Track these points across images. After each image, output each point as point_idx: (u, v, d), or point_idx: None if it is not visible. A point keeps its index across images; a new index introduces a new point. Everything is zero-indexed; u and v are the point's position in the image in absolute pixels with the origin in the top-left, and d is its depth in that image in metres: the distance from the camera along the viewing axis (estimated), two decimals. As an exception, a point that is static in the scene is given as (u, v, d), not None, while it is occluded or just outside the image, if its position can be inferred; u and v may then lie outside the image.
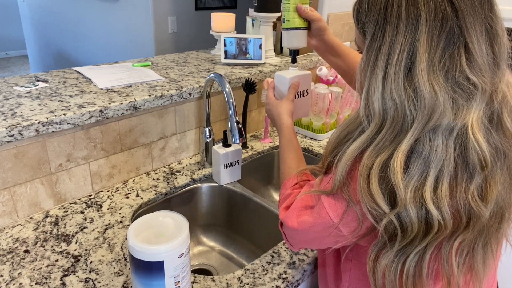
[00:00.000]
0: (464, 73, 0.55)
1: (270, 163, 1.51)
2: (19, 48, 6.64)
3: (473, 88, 0.55)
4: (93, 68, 1.37)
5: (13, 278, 0.83)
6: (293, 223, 0.70)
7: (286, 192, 0.80)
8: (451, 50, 0.55)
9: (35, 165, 1.00)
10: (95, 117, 1.05)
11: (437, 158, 0.55)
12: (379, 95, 0.58)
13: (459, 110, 0.55)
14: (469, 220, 0.58)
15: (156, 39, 3.26)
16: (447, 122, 0.55)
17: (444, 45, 0.55)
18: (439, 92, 0.54)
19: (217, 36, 1.65)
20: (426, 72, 0.55)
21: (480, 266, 0.63)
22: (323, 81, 1.73)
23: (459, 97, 0.55)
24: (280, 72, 1.00)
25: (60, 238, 0.96)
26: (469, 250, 0.61)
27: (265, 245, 1.18)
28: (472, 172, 0.56)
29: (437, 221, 0.56)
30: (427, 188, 0.55)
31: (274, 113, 0.96)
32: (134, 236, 0.70)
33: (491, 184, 0.57)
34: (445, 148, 0.55)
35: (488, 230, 0.61)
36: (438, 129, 0.55)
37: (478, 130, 0.55)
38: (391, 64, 0.57)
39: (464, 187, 0.56)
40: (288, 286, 0.86)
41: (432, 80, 0.55)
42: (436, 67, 0.55)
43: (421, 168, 0.55)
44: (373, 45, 0.59)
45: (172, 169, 1.29)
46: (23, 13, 5.16)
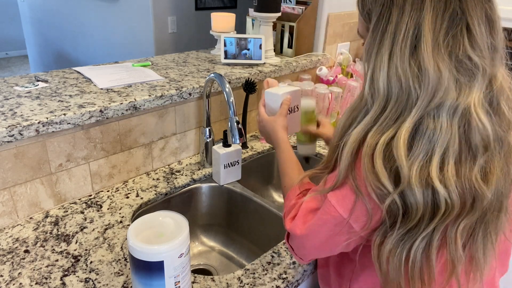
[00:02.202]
0: (467, 53, 0.56)
1: (270, 163, 1.51)
2: (19, 48, 6.63)
3: (474, 68, 0.57)
4: (93, 68, 1.37)
5: (13, 278, 0.83)
6: (301, 230, 0.69)
7: (290, 203, 0.79)
8: (454, 30, 0.57)
9: (35, 165, 1.00)
10: (95, 117, 1.05)
11: (442, 137, 0.56)
12: (385, 73, 0.59)
13: (462, 89, 0.56)
14: (474, 203, 0.58)
15: (156, 39, 3.26)
16: (450, 101, 0.56)
17: (448, 25, 0.57)
18: (443, 69, 0.56)
19: (217, 36, 1.65)
20: (431, 50, 0.56)
21: (480, 255, 0.63)
22: (323, 81, 1.73)
23: (462, 76, 0.57)
24: (271, 90, 1.01)
25: (60, 238, 0.96)
26: (470, 236, 0.61)
27: (265, 245, 1.18)
28: (475, 153, 0.57)
29: (444, 201, 0.56)
30: (434, 167, 0.55)
31: (269, 129, 0.96)
32: (134, 236, 0.70)
33: (491, 168, 0.58)
34: (449, 127, 0.56)
35: (488, 218, 0.61)
36: (442, 108, 0.56)
37: (481, 110, 0.56)
38: (397, 42, 0.58)
39: (468, 168, 0.57)
40: (288, 286, 0.86)
41: (437, 57, 0.56)
42: (440, 45, 0.56)
43: (426, 147, 0.56)
44: (379, 26, 0.60)
45: (172, 169, 1.29)
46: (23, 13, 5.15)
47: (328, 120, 1.13)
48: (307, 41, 1.81)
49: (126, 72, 1.33)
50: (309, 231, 0.68)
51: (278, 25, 1.74)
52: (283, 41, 1.76)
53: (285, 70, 1.59)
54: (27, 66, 6.17)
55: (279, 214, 1.14)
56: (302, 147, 1.15)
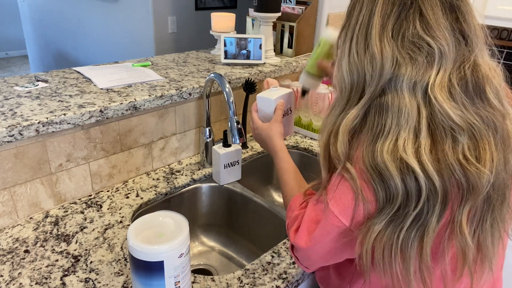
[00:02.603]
0: (418, 33, 0.60)
1: (270, 163, 1.51)
2: (19, 48, 6.63)
3: (428, 47, 0.59)
4: (93, 68, 1.37)
5: (13, 278, 0.83)
6: (306, 243, 0.69)
7: (293, 214, 0.77)
8: (405, 14, 0.61)
9: (35, 165, 1.00)
10: (95, 117, 1.05)
11: (407, 110, 0.58)
12: (346, 62, 0.65)
13: (419, 66, 0.59)
14: (471, 185, 0.57)
15: (156, 39, 3.26)
16: (408, 75, 0.59)
17: (399, 10, 0.61)
18: (389, 49, 0.60)
19: (217, 36, 1.65)
20: (378, 34, 0.61)
21: (489, 243, 0.63)
22: (323, 81, 1.73)
23: (417, 55, 0.60)
24: (263, 94, 0.98)
25: (60, 238, 0.96)
26: (478, 222, 0.61)
27: (265, 245, 1.18)
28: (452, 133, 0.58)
29: (423, 178, 0.56)
30: (403, 142, 0.57)
31: (265, 137, 0.94)
32: (134, 236, 0.70)
33: (484, 147, 0.58)
34: (414, 100, 0.59)
35: (494, 204, 0.60)
36: (400, 82, 0.59)
37: (441, 93, 0.58)
38: (355, 32, 0.65)
39: (451, 147, 0.57)
40: (288, 286, 0.86)
41: (384, 39, 0.61)
42: (389, 29, 0.61)
43: (393, 123, 0.58)
44: (347, 21, 0.67)
45: (172, 169, 1.29)
46: (23, 13, 5.15)
47: None
48: (307, 41, 1.81)
49: (126, 72, 1.33)
50: (313, 243, 0.67)
51: (278, 25, 1.74)
52: (283, 41, 1.76)
53: (285, 70, 1.59)
54: (27, 66, 6.17)
55: (279, 214, 1.14)
56: (308, 79, 1.10)
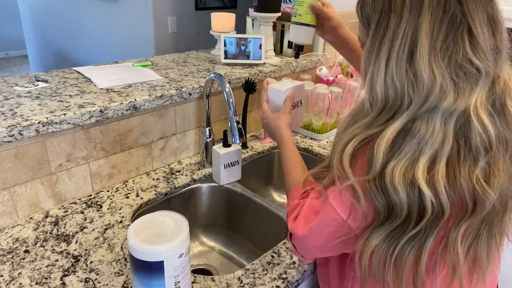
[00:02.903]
0: (468, 57, 0.56)
1: (270, 163, 1.51)
2: (19, 48, 6.63)
3: (476, 71, 0.56)
4: (93, 68, 1.37)
5: (13, 278, 0.83)
6: (303, 231, 0.70)
7: (293, 202, 0.79)
8: (454, 34, 0.56)
9: (35, 165, 1.00)
10: (95, 117, 1.05)
11: (433, 138, 0.56)
12: (382, 80, 0.59)
13: (461, 93, 0.56)
14: (475, 205, 0.57)
15: (156, 39, 3.26)
16: (447, 105, 0.56)
17: (447, 29, 0.56)
18: (438, 74, 0.56)
19: (217, 36, 1.65)
20: (427, 55, 0.56)
21: (484, 256, 0.63)
22: (323, 81, 1.73)
23: (461, 80, 0.56)
24: (274, 85, 1.00)
25: (60, 238, 0.96)
26: (474, 238, 0.61)
27: (265, 245, 1.18)
28: (476, 155, 0.57)
29: (430, 202, 0.55)
30: (420, 168, 0.55)
31: (273, 127, 0.96)
32: (134, 236, 0.70)
33: (494, 170, 0.57)
34: (442, 129, 0.56)
35: (493, 219, 0.60)
36: (437, 111, 0.56)
37: (483, 112, 0.56)
38: (394, 49, 0.58)
39: (468, 170, 0.56)
40: (288, 286, 0.86)
41: (433, 63, 0.56)
42: (437, 50, 0.56)
43: (414, 148, 0.56)
44: (377, 33, 0.60)
45: (172, 169, 1.29)
46: (23, 13, 5.15)
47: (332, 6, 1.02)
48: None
49: (126, 72, 1.33)
50: (310, 232, 0.68)
51: (278, 25, 1.74)
52: (283, 41, 1.76)
53: (285, 70, 1.59)
54: (27, 66, 6.17)
55: (279, 214, 1.14)
56: (300, 31, 0.99)
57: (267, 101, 1.02)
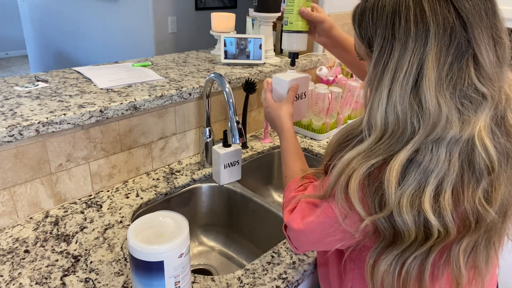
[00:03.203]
0: (473, 85, 0.55)
1: (270, 163, 1.51)
2: (19, 48, 6.63)
3: (481, 98, 0.55)
4: (93, 68, 1.37)
5: (13, 278, 0.83)
6: (298, 225, 0.70)
7: (290, 194, 0.79)
8: (459, 63, 0.54)
9: (35, 165, 1.00)
10: (95, 117, 1.05)
11: (439, 168, 0.55)
12: (383, 110, 0.58)
13: (466, 122, 0.55)
14: (477, 223, 0.58)
15: (156, 39, 3.26)
16: (452, 135, 0.55)
17: (453, 59, 0.54)
18: (444, 106, 0.54)
19: (217, 36, 1.65)
20: (434, 87, 0.54)
21: (483, 264, 0.64)
22: (323, 81, 1.73)
23: (467, 109, 0.55)
24: (279, 75, 0.99)
25: (60, 238, 0.96)
26: (472, 248, 0.62)
27: (265, 245, 1.18)
28: (479, 177, 0.56)
29: (437, 230, 0.56)
30: (426, 197, 0.55)
31: (274, 116, 0.95)
32: (134, 236, 0.70)
33: (496, 187, 0.58)
34: (448, 158, 0.55)
35: (491, 231, 0.61)
36: (442, 141, 0.55)
37: (486, 136, 0.55)
38: (397, 79, 0.56)
39: (471, 192, 0.56)
40: (288, 286, 0.86)
41: (438, 95, 0.54)
42: (443, 81, 0.54)
43: (419, 177, 0.55)
44: (380, 60, 0.58)
45: (172, 169, 1.29)
46: (23, 13, 5.15)
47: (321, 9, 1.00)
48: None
49: (126, 72, 1.33)
50: (305, 227, 0.69)
51: (278, 25, 1.74)
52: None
53: (285, 70, 1.59)
54: (27, 66, 6.17)
55: (279, 214, 1.14)
56: (293, 39, 0.98)
57: (270, 90, 1.00)
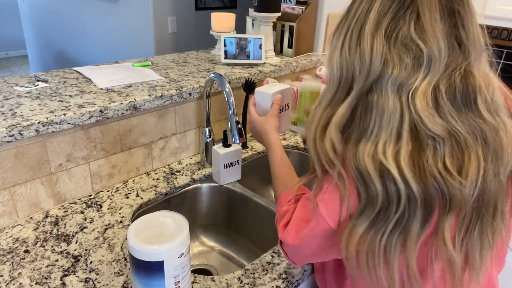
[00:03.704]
0: (410, 35, 0.59)
1: (270, 163, 1.51)
2: (19, 48, 6.63)
3: (418, 50, 0.59)
4: (93, 68, 1.37)
5: (13, 278, 0.83)
6: (293, 240, 0.69)
7: (282, 209, 0.77)
8: (401, 14, 0.60)
9: (35, 165, 1.00)
10: (95, 117, 1.05)
11: (390, 110, 0.58)
12: (337, 56, 0.64)
13: (407, 69, 0.59)
14: (450, 195, 0.57)
15: (156, 39, 3.26)
16: (392, 75, 0.58)
17: (396, 8, 0.60)
18: (379, 47, 0.60)
19: (217, 36, 1.65)
20: (372, 30, 0.61)
21: (477, 254, 0.63)
22: (323, 81, 1.73)
23: (406, 57, 0.59)
24: (261, 88, 1.00)
25: (60, 238, 0.96)
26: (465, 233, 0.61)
27: (265, 245, 1.18)
28: (432, 142, 0.57)
29: (401, 183, 0.55)
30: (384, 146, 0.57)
31: (260, 130, 0.95)
32: (134, 236, 0.70)
33: (470, 158, 0.57)
34: (397, 100, 0.58)
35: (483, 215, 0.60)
36: (384, 82, 0.59)
37: (422, 99, 0.57)
38: (350, 27, 0.63)
39: (431, 158, 0.57)
40: (288, 286, 0.86)
41: (376, 36, 0.60)
42: (383, 26, 0.60)
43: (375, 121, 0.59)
44: (344, 15, 0.66)
45: (172, 169, 1.29)
46: (23, 13, 5.15)
47: None
48: (307, 41, 1.81)
49: (126, 72, 1.33)
50: (301, 242, 0.68)
51: (278, 25, 1.74)
52: (283, 41, 1.76)
53: (285, 70, 1.59)
54: (27, 66, 6.17)
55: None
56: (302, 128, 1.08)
57: (254, 104, 1.00)
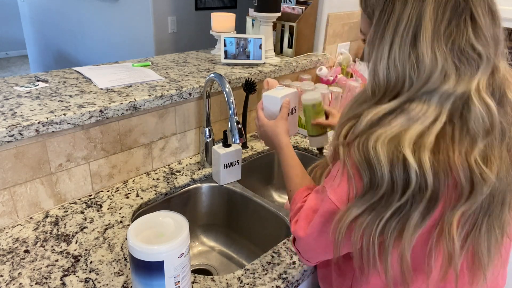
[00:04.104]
0: (470, 42, 0.58)
1: (270, 163, 1.51)
2: (19, 48, 6.63)
3: (477, 57, 0.58)
4: (93, 68, 1.37)
5: (13, 278, 0.83)
6: (304, 231, 0.69)
7: (296, 206, 0.79)
8: (457, 20, 0.58)
9: (35, 165, 1.00)
10: (95, 117, 1.05)
11: (425, 116, 0.57)
12: (385, 64, 0.61)
13: (462, 77, 0.58)
14: (472, 188, 0.57)
15: (156, 39, 3.26)
16: (446, 88, 0.57)
17: (450, 15, 0.58)
18: (440, 58, 0.57)
19: (217, 36, 1.65)
20: (430, 40, 0.58)
21: (484, 251, 0.62)
22: (323, 81, 1.73)
23: (463, 65, 0.58)
24: (269, 92, 1.00)
25: (60, 238, 0.96)
26: (472, 228, 0.60)
27: (265, 245, 1.18)
28: (474, 137, 0.57)
29: (415, 173, 0.55)
30: (406, 137, 0.56)
31: (271, 134, 0.95)
32: (134, 236, 0.70)
33: (492, 156, 0.58)
34: (436, 110, 0.57)
35: (492, 210, 0.60)
36: (435, 94, 0.58)
37: (486, 95, 0.57)
38: (397, 33, 0.59)
39: (465, 151, 0.56)
40: (288, 286, 0.86)
41: (435, 46, 0.58)
42: (441, 35, 0.58)
43: (403, 122, 0.58)
44: (382, 19, 0.62)
45: (172, 169, 1.29)
46: (23, 13, 5.15)
47: (336, 110, 1.11)
48: (307, 41, 1.80)
49: (126, 72, 1.33)
50: (312, 230, 0.68)
51: (278, 25, 1.74)
52: (283, 41, 1.76)
53: (285, 70, 1.59)
54: (27, 66, 6.17)
55: (279, 214, 1.14)
56: (314, 139, 1.11)
57: (262, 108, 1.01)
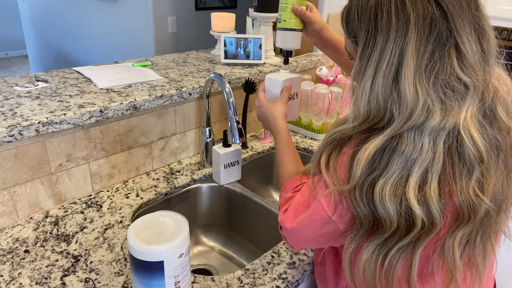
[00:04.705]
0: (455, 74, 0.56)
1: (270, 163, 1.51)
2: (19, 48, 6.63)
3: (464, 88, 0.56)
4: (93, 68, 1.37)
5: (13, 278, 0.83)
6: (291, 224, 0.71)
7: (286, 195, 0.80)
8: (440, 51, 0.56)
9: (35, 165, 1.00)
10: (95, 117, 1.05)
11: (423, 157, 0.56)
12: (366, 99, 0.60)
13: (449, 111, 0.56)
14: (472, 215, 0.58)
15: (156, 39, 3.26)
16: (434, 123, 0.55)
17: (433, 48, 0.55)
18: (421, 93, 0.55)
19: (217, 36, 1.65)
20: (413, 76, 0.56)
21: (480, 260, 0.64)
22: (323, 81, 1.73)
23: (449, 98, 0.56)
24: (272, 75, 0.99)
25: (60, 238, 0.96)
26: (468, 242, 0.62)
27: (265, 245, 1.18)
28: (470, 168, 0.57)
29: (421, 220, 0.56)
30: (411, 187, 0.56)
31: (268, 116, 0.95)
32: (134, 236, 0.70)
33: (487, 178, 0.58)
34: (432, 148, 0.56)
35: (486, 223, 0.61)
36: (424, 129, 0.56)
37: (473, 127, 0.56)
38: (380, 70, 0.58)
39: (465, 184, 0.57)
40: (288, 286, 0.86)
41: (417, 82, 0.56)
42: (423, 70, 0.56)
43: (402, 166, 0.56)
44: (365, 53, 0.60)
45: (172, 169, 1.29)
46: (23, 13, 5.15)
47: (317, 13, 1.01)
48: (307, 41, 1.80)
49: (126, 72, 1.33)
50: (298, 226, 0.69)
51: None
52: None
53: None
54: (27, 66, 6.17)
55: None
56: (287, 37, 0.97)
57: (263, 90, 1.01)
